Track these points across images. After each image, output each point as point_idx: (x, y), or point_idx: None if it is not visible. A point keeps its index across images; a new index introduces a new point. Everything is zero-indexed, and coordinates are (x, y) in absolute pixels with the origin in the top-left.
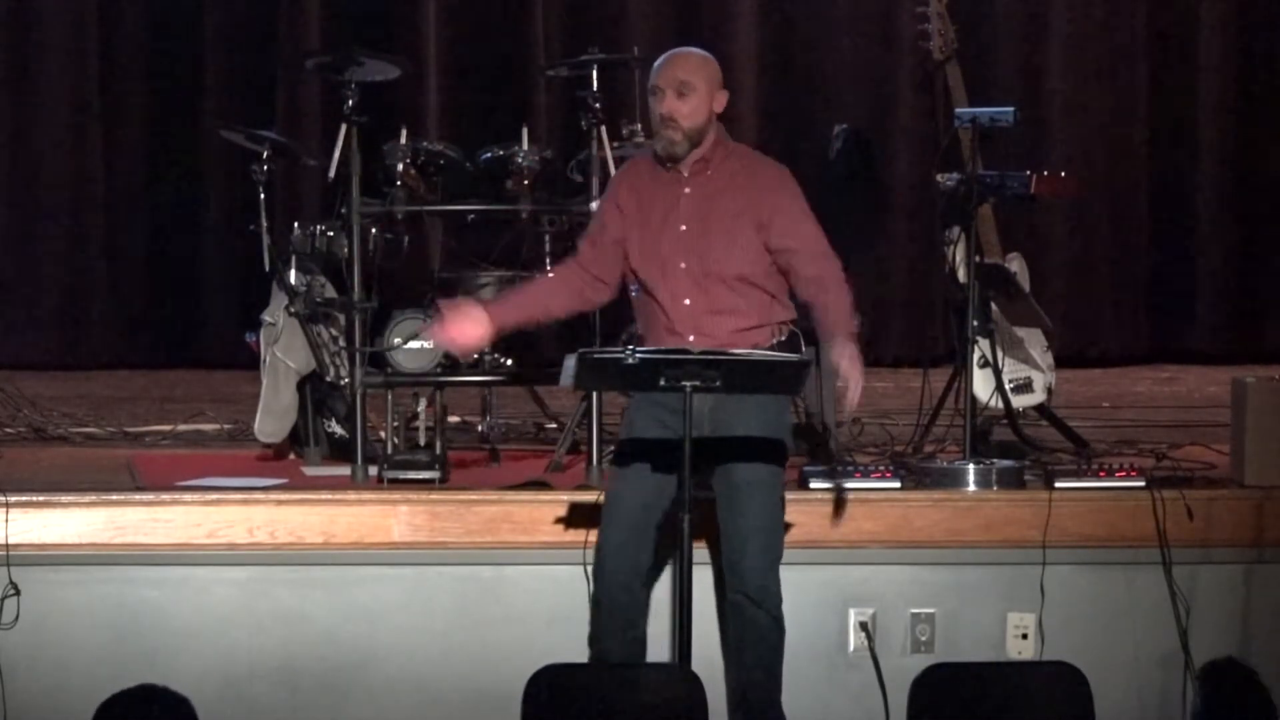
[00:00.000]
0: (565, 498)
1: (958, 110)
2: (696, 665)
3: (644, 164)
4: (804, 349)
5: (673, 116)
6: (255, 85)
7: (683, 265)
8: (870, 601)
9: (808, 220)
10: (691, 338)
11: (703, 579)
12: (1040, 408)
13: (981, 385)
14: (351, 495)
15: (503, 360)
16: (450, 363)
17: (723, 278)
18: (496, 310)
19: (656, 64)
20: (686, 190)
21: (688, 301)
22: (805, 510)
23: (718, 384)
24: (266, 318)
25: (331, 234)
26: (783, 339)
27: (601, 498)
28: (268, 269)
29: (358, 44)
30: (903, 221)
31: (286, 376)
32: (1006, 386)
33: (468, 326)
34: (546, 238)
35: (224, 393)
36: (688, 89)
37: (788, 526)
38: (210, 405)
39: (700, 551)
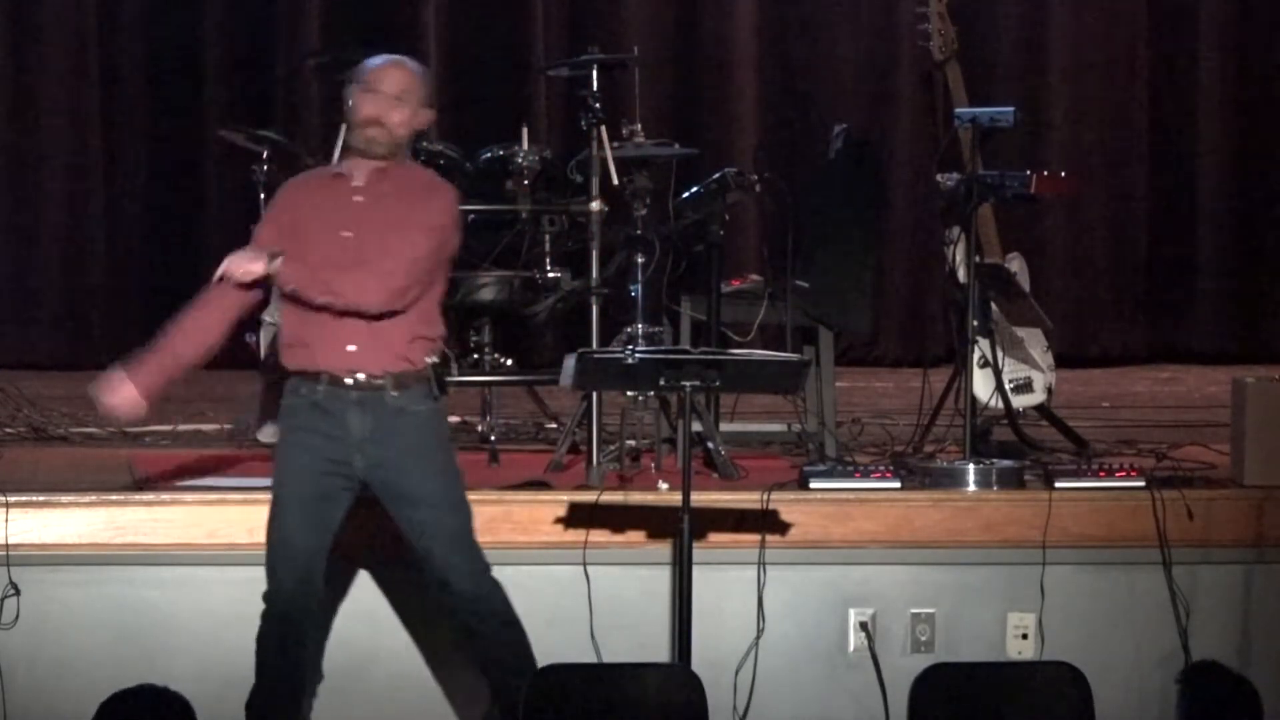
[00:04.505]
0: (565, 498)
1: (958, 110)
2: (696, 665)
3: (303, 181)
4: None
5: (382, 121)
6: (255, 85)
7: None
8: (870, 601)
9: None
10: (352, 348)
11: (703, 579)
12: (1040, 408)
13: (981, 385)
14: None
15: (503, 360)
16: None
17: None
18: (143, 377)
19: (375, 64)
20: (358, 198)
21: None
22: (805, 510)
23: (717, 384)
24: (266, 318)
25: None
26: (436, 359)
27: (600, 498)
28: None
29: (358, 44)
30: (903, 221)
31: None
32: (1006, 386)
33: (117, 395)
34: (547, 237)
35: (224, 393)
36: (406, 100)
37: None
38: (210, 405)
39: (700, 552)
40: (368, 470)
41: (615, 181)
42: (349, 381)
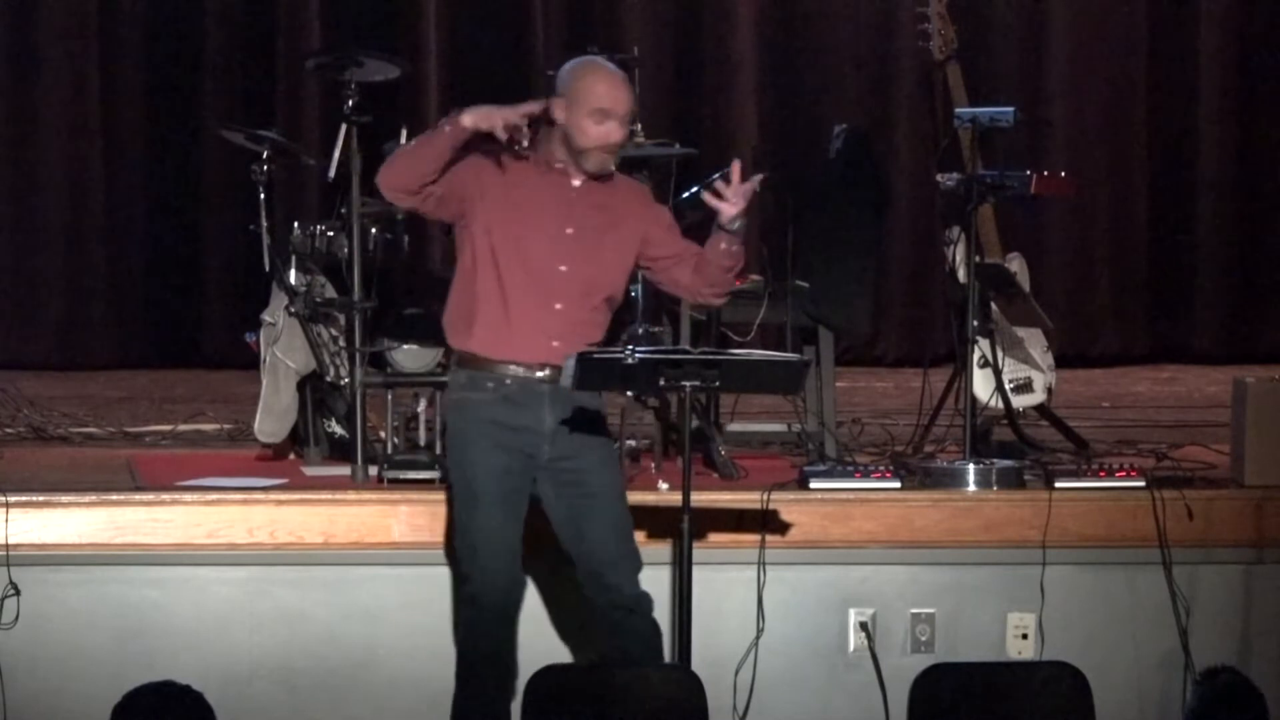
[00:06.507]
0: None
1: (958, 110)
2: (696, 665)
3: (515, 162)
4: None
5: (619, 147)
6: (255, 85)
7: (563, 269)
8: (870, 601)
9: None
10: (556, 343)
11: (703, 579)
12: (1040, 408)
13: (981, 385)
14: (351, 495)
15: None
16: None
17: (596, 290)
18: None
19: (598, 79)
20: (573, 195)
21: (559, 306)
22: (805, 510)
23: (717, 384)
24: (266, 318)
25: (331, 234)
26: None
27: None
28: (268, 269)
29: (358, 44)
30: (903, 221)
31: (286, 376)
32: (1006, 386)
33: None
34: None
35: (224, 393)
36: (630, 119)
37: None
38: (210, 405)
39: (700, 552)
40: (552, 461)
41: None
42: (540, 375)
